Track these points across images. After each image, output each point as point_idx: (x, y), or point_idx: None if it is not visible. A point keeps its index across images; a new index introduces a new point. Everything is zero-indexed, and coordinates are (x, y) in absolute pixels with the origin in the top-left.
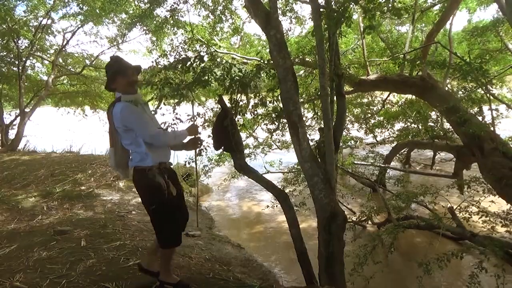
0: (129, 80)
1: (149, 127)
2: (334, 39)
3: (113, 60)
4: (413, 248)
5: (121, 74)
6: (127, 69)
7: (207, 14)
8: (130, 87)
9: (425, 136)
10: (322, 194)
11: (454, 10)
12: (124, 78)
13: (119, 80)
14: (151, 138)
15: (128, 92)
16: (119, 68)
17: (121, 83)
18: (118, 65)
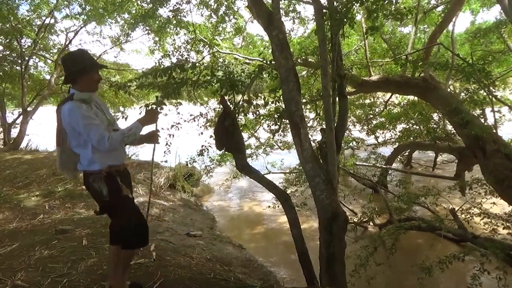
0: (94, 79)
1: (96, 131)
2: (336, 39)
3: (79, 55)
4: (414, 250)
5: (87, 73)
6: (94, 67)
7: (209, 14)
8: (92, 86)
9: (427, 137)
10: (323, 195)
11: (457, 12)
12: (90, 77)
13: (84, 78)
14: (98, 143)
15: (88, 91)
16: (86, 65)
17: (85, 82)
18: (86, 62)
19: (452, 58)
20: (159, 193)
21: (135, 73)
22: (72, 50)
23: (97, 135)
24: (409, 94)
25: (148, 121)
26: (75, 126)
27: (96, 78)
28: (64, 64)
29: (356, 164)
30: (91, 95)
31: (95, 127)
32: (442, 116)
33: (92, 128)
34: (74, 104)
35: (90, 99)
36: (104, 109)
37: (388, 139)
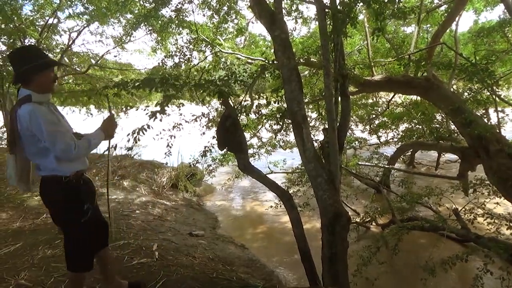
0: (50, 78)
1: (62, 140)
2: (339, 39)
3: (31, 51)
4: (417, 250)
5: (43, 70)
6: (51, 64)
7: (211, 14)
8: (49, 87)
9: (430, 137)
10: (326, 195)
11: (460, 11)
12: (46, 75)
13: (40, 77)
14: (62, 152)
15: (44, 92)
16: (42, 63)
17: (40, 81)
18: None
19: (455, 58)
20: (162, 192)
21: (137, 73)
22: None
23: (63, 143)
24: (412, 94)
25: (108, 129)
26: (36, 132)
27: (53, 77)
28: (13, 61)
29: (358, 164)
30: (48, 97)
31: (60, 135)
32: (445, 115)
33: (57, 135)
34: (34, 107)
35: (48, 101)
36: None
37: (391, 139)
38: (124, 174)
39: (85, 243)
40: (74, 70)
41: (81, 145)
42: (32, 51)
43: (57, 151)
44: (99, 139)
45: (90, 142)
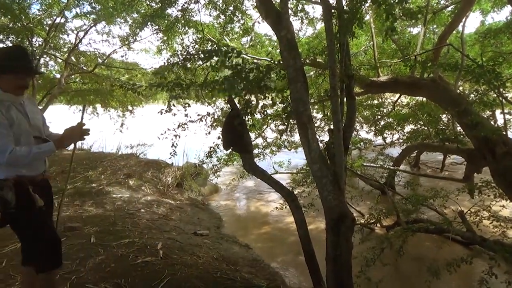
0: (20, 83)
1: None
2: (345, 40)
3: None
4: (422, 252)
5: (14, 73)
6: (25, 69)
7: (218, 14)
8: (14, 90)
9: (435, 139)
10: (330, 196)
11: (466, 12)
12: (15, 78)
13: (8, 76)
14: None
15: (8, 92)
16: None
17: (8, 82)
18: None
19: (461, 59)
20: (167, 192)
21: (143, 72)
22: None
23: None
24: (418, 95)
25: (68, 140)
26: None
27: (20, 84)
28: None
29: (363, 165)
30: (14, 97)
31: (2, 139)
32: (451, 117)
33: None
34: None
35: (11, 100)
36: (30, 111)
37: (396, 140)
38: (130, 173)
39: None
40: (81, 69)
41: (19, 153)
42: (9, 52)
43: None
44: (47, 149)
45: (31, 152)
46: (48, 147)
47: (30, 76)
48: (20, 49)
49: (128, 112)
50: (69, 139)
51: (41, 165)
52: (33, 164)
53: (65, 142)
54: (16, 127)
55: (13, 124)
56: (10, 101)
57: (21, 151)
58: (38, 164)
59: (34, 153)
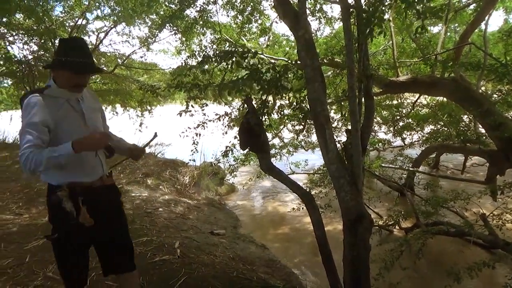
0: (75, 81)
1: (23, 143)
2: (363, 39)
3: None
4: (442, 255)
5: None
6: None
7: (235, 14)
8: (71, 89)
9: (456, 139)
10: (348, 196)
11: (490, 10)
12: (70, 75)
13: (64, 72)
14: (19, 156)
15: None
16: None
17: (63, 78)
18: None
19: (484, 58)
20: (184, 191)
21: (161, 72)
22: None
23: (20, 148)
24: (438, 95)
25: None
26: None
27: (75, 81)
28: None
29: (382, 166)
30: (69, 94)
31: (25, 138)
32: (473, 118)
33: (23, 138)
34: (36, 99)
35: (66, 97)
36: (87, 109)
37: (415, 141)
38: (148, 172)
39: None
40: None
41: (32, 158)
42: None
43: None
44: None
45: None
46: (64, 150)
47: (87, 73)
48: (78, 42)
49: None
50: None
51: (97, 169)
52: (86, 168)
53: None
54: (66, 129)
55: (63, 125)
56: (65, 98)
57: (36, 155)
58: (92, 167)
59: (48, 158)
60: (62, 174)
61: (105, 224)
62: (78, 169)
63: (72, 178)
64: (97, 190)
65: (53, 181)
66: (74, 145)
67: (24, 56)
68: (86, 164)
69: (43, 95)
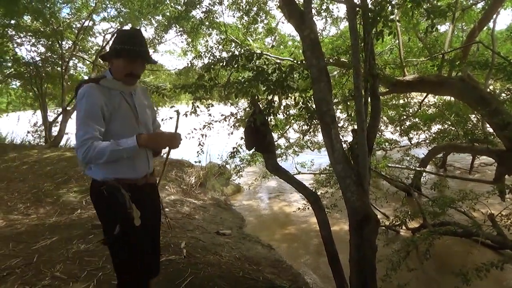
0: (129, 70)
1: (81, 134)
2: (369, 39)
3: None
4: (449, 256)
5: (127, 59)
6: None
7: (241, 15)
8: (125, 79)
9: (464, 139)
10: (354, 197)
11: (497, 8)
12: (126, 65)
13: (121, 62)
14: (76, 149)
15: (118, 78)
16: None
17: (118, 68)
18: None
19: (492, 57)
20: (190, 191)
21: (167, 73)
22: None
23: (78, 140)
24: (446, 95)
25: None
26: (76, 114)
27: (127, 70)
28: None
29: (388, 166)
30: (124, 87)
31: (83, 129)
32: (481, 117)
33: (81, 128)
34: (91, 89)
35: (121, 89)
36: (139, 104)
37: (422, 141)
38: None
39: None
40: None
41: (93, 149)
42: (126, 35)
43: (75, 144)
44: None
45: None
46: (128, 144)
47: (140, 60)
48: (133, 32)
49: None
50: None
51: (143, 166)
52: (134, 164)
53: (150, 145)
54: (119, 122)
55: (116, 118)
56: (119, 90)
57: (97, 148)
58: (139, 164)
59: (112, 151)
60: (109, 169)
61: (146, 224)
62: (127, 165)
63: (119, 174)
64: (141, 188)
65: (98, 176)
66: (140, 140)
67: (32, 57)
68: (136, 160)
69: (98, 85)
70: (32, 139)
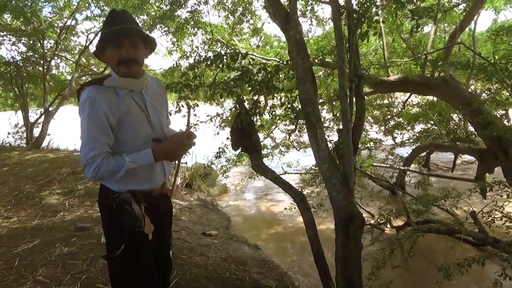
0: (119, 56)
1: (87, 151)
2: (354, 39)
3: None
4: (433, 253)
5: (111, 46)
6: (121, 38)
7: (227, 14)
8: (119, 68)
9: (446, 138)
10: (340, 196)
11: (478, 10)
12: (113, 52)
13: (108, 52)
14: (83, 166)
15: (119, 73)
16: (110, 33)
17: (109, 58)
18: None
19: (473, 58)
20: (176, 192)
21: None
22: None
23: (85, 158)
24: (428, 95)
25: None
26: (80, 124)
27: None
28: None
29: (373, 165)
30: (132, 83)
31: (90, 144)
32: (463, 116)
33: (87, 142)
34: (94, 94)
35: (130, 87)
36: (151, 102)
37: (406, 140)
38: None
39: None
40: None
41: (105, 168)
42: (106, 19)
43: (82, 160)
44: (141, 163)
45: (122, 167)
46: (143, 159)
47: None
48: (114, 12)
49: None
50: (166, 154)
51: (160, 176)
52: (150, 174)
53: (167, 159)
54: (129, 129)
55: (126, 124)
56: (126, 89)
57: (109, 166)
58: (157, 174)
59: (126, 171)
60: (126, 179)
61: (160, 235)
62: (144, 176)
63: (135, 185)
64: (155, 198)
65: (113, 187)
66: (156, 154)
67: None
68: (153, 170)
69: (102, 87)
70: (13, 141)
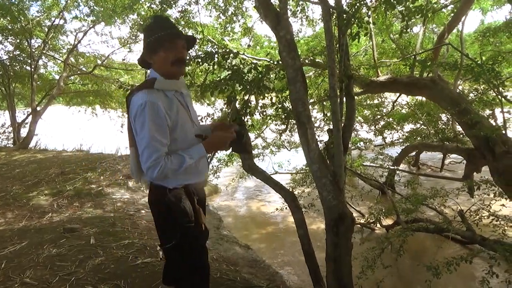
0: (174, 56)
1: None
2: (344, 40)
3: (158, 22)
4: (422, 252)
5: (165, 47)
6: (176, 39)
7: (218, 14)
8: (172, 68)
9: (435, 138)
10: (330, 196)
11: (466, 11)
12: (167, 53)
13: (161, 53)
14: (145, 169)
15: (169, 76)
16: (165, 35)
17: (161, 59)
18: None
19: (461, 58)
20: None
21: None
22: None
23: (148, 160)
24: (417, 95)
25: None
26: (137, 128)
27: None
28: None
29: (363, 165)
30: (176, 85)
31: (152, 148)
32: (451, 116)
33: (149, 147)
34: (151, 97)
35: (174, 88)
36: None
37: (396, 140)
38: (129, 174)
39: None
40: (80, 70)
41: (169, 167)
42: (162, 22)
43: (142, 164)
44: (197, 157)
45: (183, 164)
46: (198, 154)
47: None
48: (160, 18)
49: None
50: (214, 147)
51: (206, 167)
52: (199, 168)
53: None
54: (180, 128)
55: (178, 123)
56: (173, 91)
57: (172, 164)
58: (203, 166)
59: (187, 166)
60: (181, 175)
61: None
62: (194, 170)
63: (188, 180)
64: (202, 189)
65: (169, 183)
66: (206, 146)
67: None
68: (201, 163)
69: (154, 90)
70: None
